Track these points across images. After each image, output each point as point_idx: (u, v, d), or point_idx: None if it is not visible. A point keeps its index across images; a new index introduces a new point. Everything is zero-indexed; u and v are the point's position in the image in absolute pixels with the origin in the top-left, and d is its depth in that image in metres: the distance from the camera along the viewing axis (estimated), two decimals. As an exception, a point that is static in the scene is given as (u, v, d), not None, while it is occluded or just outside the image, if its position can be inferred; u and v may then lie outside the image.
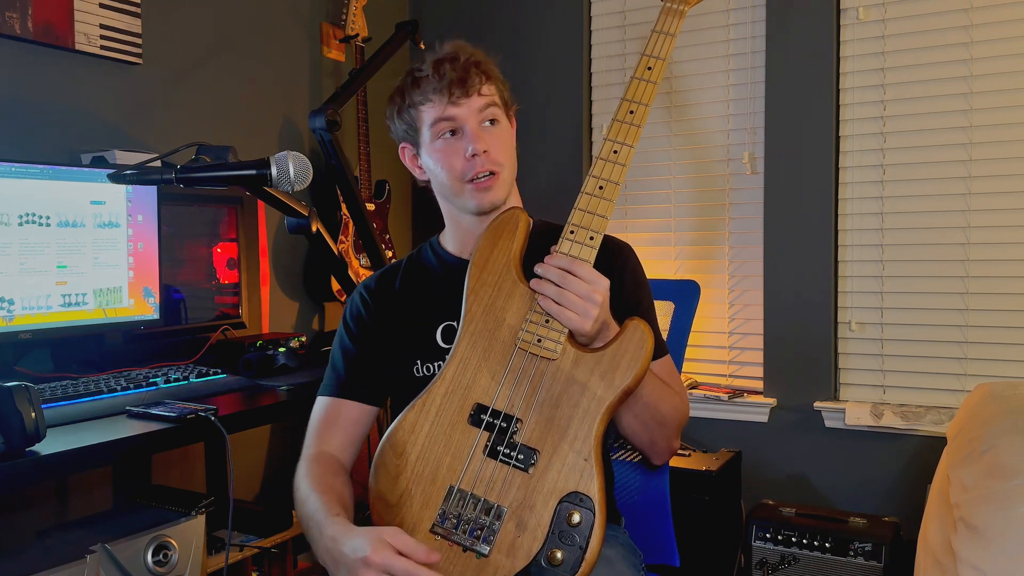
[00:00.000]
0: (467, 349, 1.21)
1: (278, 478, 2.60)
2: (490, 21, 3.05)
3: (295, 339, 2.09)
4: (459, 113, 1.30)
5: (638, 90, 1.26)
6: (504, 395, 1.17)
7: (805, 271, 2.58)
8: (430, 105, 1.31)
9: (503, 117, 1.36)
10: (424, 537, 1.14)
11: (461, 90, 1.29)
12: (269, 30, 2.61)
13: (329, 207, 2.64)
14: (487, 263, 1.24)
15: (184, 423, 1.46)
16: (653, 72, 1.26)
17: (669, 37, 1.29)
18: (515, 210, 1.28)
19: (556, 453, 1.14)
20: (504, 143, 1.34)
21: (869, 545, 2.19)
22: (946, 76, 2.41)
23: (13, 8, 1.88)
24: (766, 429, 2.64)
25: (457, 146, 1.31)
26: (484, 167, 1.30)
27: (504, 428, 1.16)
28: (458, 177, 1.31)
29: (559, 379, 1.17)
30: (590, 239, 1.20)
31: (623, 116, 1.25)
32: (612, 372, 1.16)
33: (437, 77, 1.30)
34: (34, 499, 1.93)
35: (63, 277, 1.76)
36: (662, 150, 2.84)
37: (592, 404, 1.15)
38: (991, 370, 2.38)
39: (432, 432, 1.18)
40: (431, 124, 1.32)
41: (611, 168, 1.22)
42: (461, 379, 1.20)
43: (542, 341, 1.18)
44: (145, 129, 2.21)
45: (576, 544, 1.10)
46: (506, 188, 1.35)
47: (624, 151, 1.23)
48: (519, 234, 1.25)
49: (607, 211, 1.21)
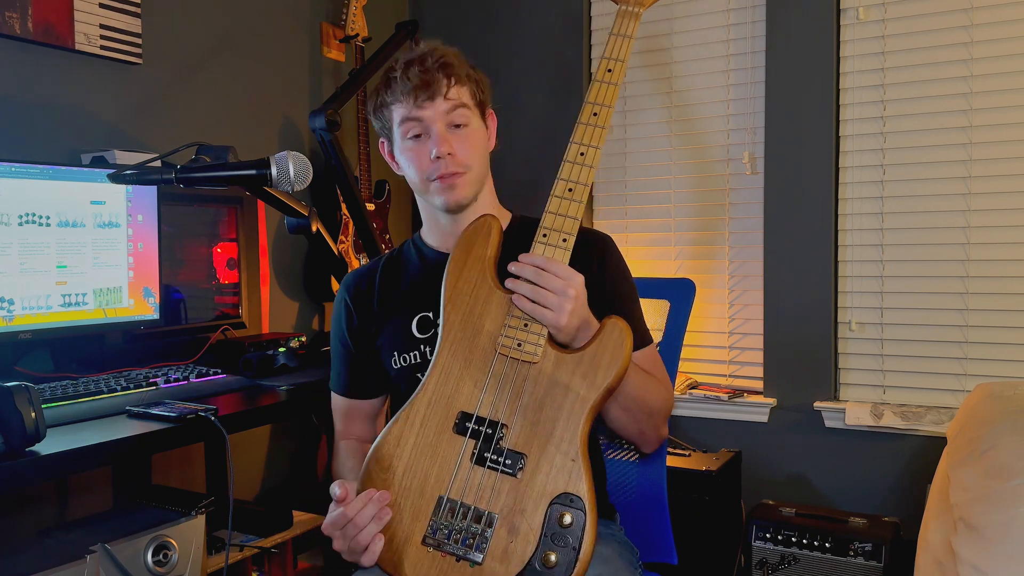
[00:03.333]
0: (448, 358, 1.21)
1: (278, 478, 2.60)
2: (490, 21, 3.05)
3: (295, 339, 2.09)
4: (425, 115, 1.33)
5: (600, 92, 1.28)
6: (488, 401, 1.18)
7: (805, 271, 2.58)
8: (399, 105, 1.34)
9: (474, 118, 1.37)
10: (416, 549, 1.14)
11: (426, 93, 1.31)
12: (269, 30, 2.61)
13: (329, 207, 2.64)
14: (462, 272, 1.25)
15: (184, 423, 1.46)
16: (614, 74, 1.29)
17: (627, 39, 1.32)
18: (487, 217, 1.28)
19: (543, 456, 1.14)
20: (472, 145, 1.35)
21: (869, 545, 2.19)
22: (946, 76, 2.41)
23: (13, 8, 1.88)
24: (766, 429, 2.64)
25: (423, 148, 1.34)
26: (448, 169, 1.32)
27: (490, 435, 1.16)
28: (424, 177, 1.35)
29: (541, 382, 1.17)
30: (563, 241, 1.21)
31: (587, 119, 1.27)
32: (593, 372, 1.16)
33: (405, 79, 1.32)
34: (34, 499, 1.93)
35: (63, 277, 1.76)
36: (662, 150, 2.84)
37: (576, 405, 1.16)
38: (991, 370, 2.38)
39: (418, 444, 1.18)
40: (399, 123, 1.35)
41: (579, 170, 1.25)
42: (443, 389, 1.20)
43: (522, 345, 1.18)
44: (145, 129, 2.21)
45: (569, 545, 1.10)
46: (473, 187, 1.36)
47: (591, 152, 1.25)
48: (492, 241, 1.26)
49: (578, 212, 1.23)
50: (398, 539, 1.15)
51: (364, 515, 1.14)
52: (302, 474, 2.66)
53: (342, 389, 1.46)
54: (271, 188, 1.51)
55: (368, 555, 1.15)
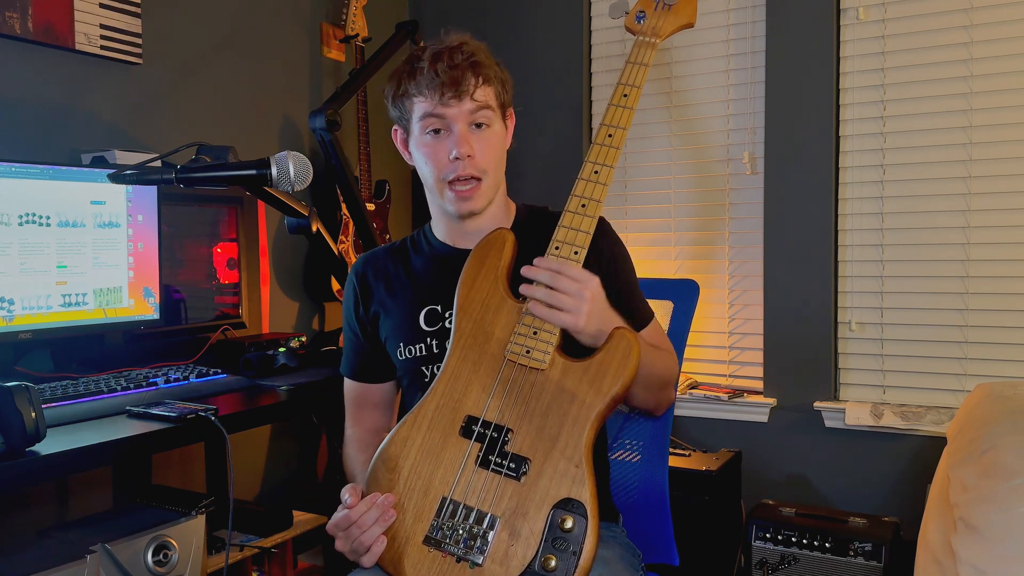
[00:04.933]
0: (457, 364, 1.23)
1: (278, 478, 2.60)
2: (490, 21, 3.05)
3: (295, 339, 2.09)
4: (449, 113, 1.30)
5: (616, 115, 1.32)
6: (495, 406, 1.19)
7: (805, 271, 2.58)
8: (422, 99, 1.31)
9: (496, 120, 1.35)
10: (417, 549, 1.15)
11: (453, 91, 1.29)
12: (269, 30, 2.61)
13: (329, 207, 2.64)
14: (475, 282, 1.26)
15: (184, 423, 1.46)
16: (629, 99, 1.33)
17: (644, 67, 1.36)
18: (501, 230, 1.30)
19: (547, 461, 1.15)
20: (492, 147, 1.34)
21: (869, 545, 2.19)
22: (946, 76, 2.41)
23: (13, 8, 1.88)
24: (766, 429, 2.64)
25: (443, 145, 1.31)
26: (466, 171, 1.31)
27: (495, 438, 1.17)
28: (440, 177, 1.33)
29: (548, 389, 1.18)
30: (575, 253, 1.23)
31: (602, 140, 1.30)
32: (600, 380, 1.17)
33: (433, 74, 1.29)
34: (34, 499, 1.93)
35: (63, 277, 1.76)
36: (662, 150, 2.84)
37: (582, 412, 1.16)
38: (991, 370, 2.38)
39: (424, 446, 1.19)
40: (420, 117, 1.32)
41: (592, 187, 1.28)
42: (452, 393, 1.21)
43: (531, 352, 1.19)
44: (145, 129, 2.21)
45: (570, 550, 1.10)
46: (487, 196, 1.35)
47: (604, 171, 1.28)
48: (506, 253, 1.27)
49: (590, 227, 1.25)
50: (400, 539, 1.16)
51: (368, 518, 1.15)
52: (302, 474, 2.66)
53: (352, 372, 1.46)
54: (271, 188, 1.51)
55: (369, 556, 1.15)
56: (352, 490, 1.19)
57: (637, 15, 1.42)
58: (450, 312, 1.31)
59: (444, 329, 1.35)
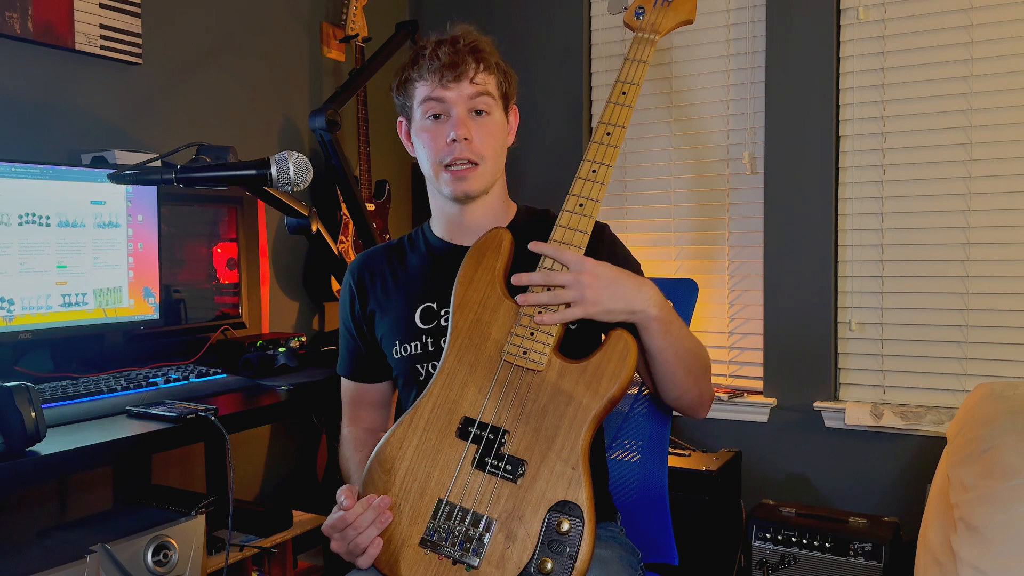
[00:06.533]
0: (454, 364, 1.22)
1: (278, 478, 2.60)
2: (490, 20, 3.05)
3: (295, 339, 2.09)
4: (448, 96, 1.31)
5: (614, 113, 1.31)
6: (491, 408, 1.18)
7: (805, 271, 2.58)
8: (423, 83, 1.33)
9: (496, 109, 1.36)
10: (413, 551, 1.14)
11: (452, 74, 1.30)
12: (269, 30, 2.61)
13: (329, 207, 2.64)
14: (472, 281, 1.26)
15: (184, 423, 1.46)
16: (628, 97, 1.33)
17: (642, 64, 1.35)
18: (498, 230, 1.30)
19: (544, 463, 1.14)
20: (491, 135, 1.34)
21: (869, 545, 2.19)
22: (946, 76, 2.41)
23: (13, 8, 1.88)
24: (766, 429, 2.64)
25: (441, 129, 1.32)
26: (463, 154, 1.31)
27: (492, 440, 1.17)
28: (437, 160, 1.33)
29: (545, 390, 1.18)
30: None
31: (600, 138, 1.30)
32: (597, 382, 1.17)
33: (434, 58, 1.31)
34: (34, 499, 1.93)
35: (63, 277, 1.76)
36: (662, 150, 2.84)
37: (578, 414, 1.16)
38: (991, 370, 2.38)
39: (420, 447, 1.19)
40: (420, 102, 1.34)
41: (590, 186, 1.27)
42: (448, 394, 1.21)
43: (527, 353, 1.19)
44: (145, 129, 2.21)
45: (566, 553, 1.09)
46: (485, 180, 1.35)
47: (602, 170, 1.28)
48: (503, 252, 1.27)
49: (588, 227, 1.26)
50: (396, 540, 1.15)
51: (363, 519, 1.15)
52: (302, 474, 2.66)
53: (348, 372, 1.46)
54: (271, 188, 1.51)
55: (365, 558, 1.15)
56: (348, 491, 1.19)
57: (636, 11, 1.41)
58: (446, 310, 1.31)
59: (440, 327, 1.34)
